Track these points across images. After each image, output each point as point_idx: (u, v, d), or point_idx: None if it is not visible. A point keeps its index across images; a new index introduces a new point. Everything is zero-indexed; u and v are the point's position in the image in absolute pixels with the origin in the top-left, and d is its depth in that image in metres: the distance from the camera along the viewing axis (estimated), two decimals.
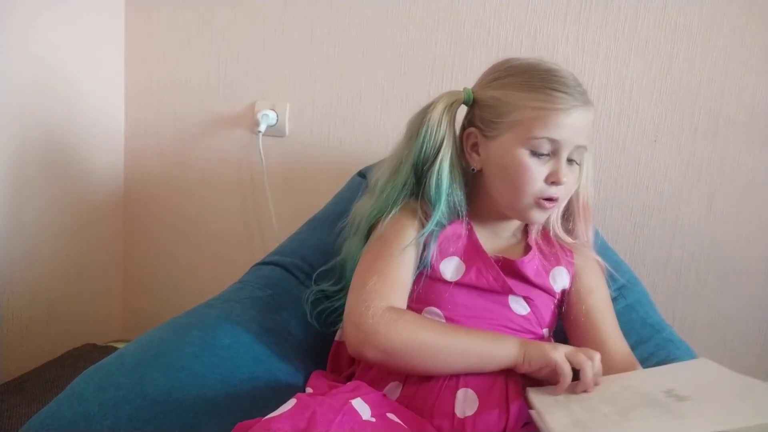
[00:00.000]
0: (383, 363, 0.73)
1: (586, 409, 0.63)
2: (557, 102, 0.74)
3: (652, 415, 0.58)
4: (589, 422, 0.59)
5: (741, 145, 1.13)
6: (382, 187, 0.84)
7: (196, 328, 0.78)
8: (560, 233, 0.86)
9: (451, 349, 0.72)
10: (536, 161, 0.76)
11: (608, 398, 0.65)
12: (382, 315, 0.72)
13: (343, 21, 1.28)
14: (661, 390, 0.63)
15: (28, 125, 1.20)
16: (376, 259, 0.79)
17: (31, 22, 1.18)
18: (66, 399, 0.65)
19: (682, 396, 0.60)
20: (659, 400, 0.61)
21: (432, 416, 0.70)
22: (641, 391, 0.65)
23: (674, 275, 1.19)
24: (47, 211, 1.27)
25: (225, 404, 0.69)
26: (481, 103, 0.81)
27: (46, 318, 1.29)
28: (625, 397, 0.64)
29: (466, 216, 0.82)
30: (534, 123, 0.75)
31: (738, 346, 1.17)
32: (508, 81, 0.79)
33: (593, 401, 0.64)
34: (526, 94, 0.76)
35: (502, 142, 0.78)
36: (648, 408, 0.60)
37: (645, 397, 0.63)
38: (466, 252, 0.81)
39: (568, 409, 0.64)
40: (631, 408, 0.61)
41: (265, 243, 1.37)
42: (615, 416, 0.59)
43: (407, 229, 0.80)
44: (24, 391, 1.08)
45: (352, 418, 0.58)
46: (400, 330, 0.71)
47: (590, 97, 0.78)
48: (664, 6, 1.13)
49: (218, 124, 1.39)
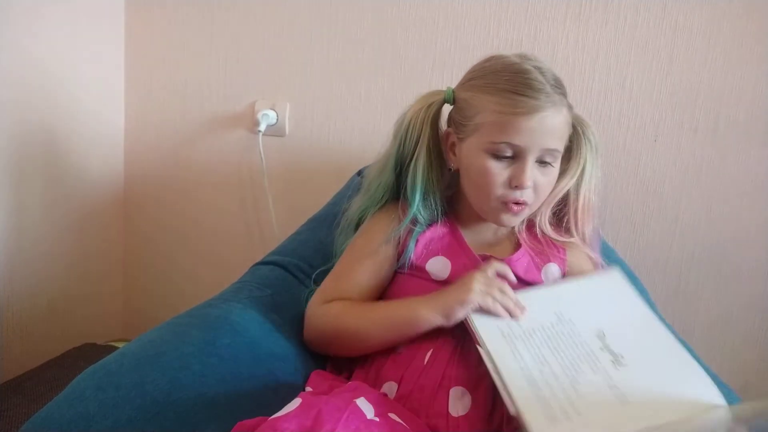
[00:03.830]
0: (322, 348, 0.82)
1: (536, 360, 0.68)
2: (517, 106, 0.73)
3: (598, 395, 0.65)
4: (545, 386, 0.65)
5: (741, 145, 1.13)
6: (368, 184, 0.87)
7: (196, 328, 0.78)
8: (549, 232, 0.85)
9: (370, 328, 0.77)
10: (498, 165, 0.76)
11: (550, 339, 0.70)
12: (317, 308, 0.82)
13: (343, 21, 1.28)
14: (594, 334, 0.71)
15: (28, 125, 1.20)
16: (343, 258, 0.86)
17: (31, 23, 1.18)
18: (66, 399, 0.65)
19: (615, 354, 0.69)
20: (598, 358, 0.68)
21: (427, 416, 0.71)
22: (578, 339, 0.70)
23: (674, 275, 1.19)
24: (47, 211, 1.27)
25: (225, 404, 0.69)
26: (457, 105, 0.82)
27: (46, 318, 1.29)
28: (564, 344, 0.70)
29: (449, 215, 0.84)
30: (494, 127, 0.75)
31: (738, 346, 1.17)
32: (476, 83, 0.79)
33: (536, 342, 0.70)
34: (489, 97, 0.76)
35: (469, 144, 0.79)
36: (592, 373, 0.66)
37: (584, 348, 0.69)
38: (450, 249, 0.82)
39: (516, 356, 0.68)
40: (575, 365, 0.67)
41: (265, 243, 1.37)
42: (566, 380, 0.66)
43: (381, 231, 0.83)
44: (24, 391, 1.08)
45: (358, 416, 0.59)
46: (326, 320, 0.80)
47: (565, 98, 0.77)
48: (664, 6, 1.13)
49: (218, 124, 1.39)
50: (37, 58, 1.20)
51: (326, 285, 0.85)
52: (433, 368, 0.73)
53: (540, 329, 0.72)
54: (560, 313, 0.73)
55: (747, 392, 1.09)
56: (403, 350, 0.76)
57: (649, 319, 0.75)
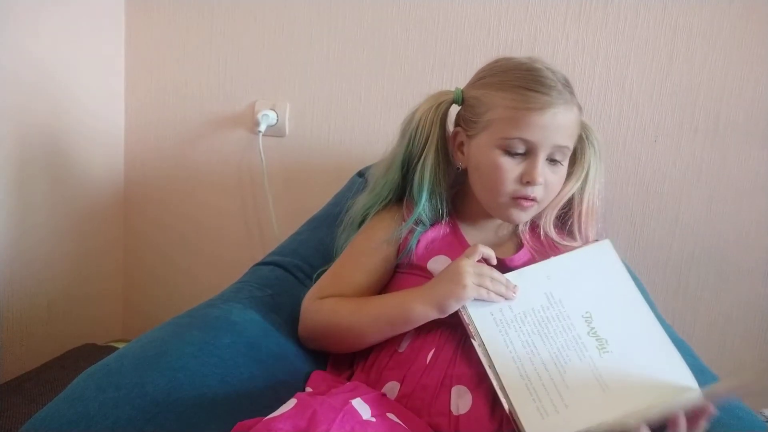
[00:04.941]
0: (317, 344, 0.82)
1: (527, 348, 0.70)
2: (530, 101, 0.74)
3: (584, 385, 0.68)
4: (536, 380, 0.68)
5: (741, 145, 1.13)
6: (374, 183, 0.87)
7: (196, 328, 0.78)
8: (552, 235, 0.84)
9: (364, 323, 0.77)
10: (510, 161, 0.76)
11: (540, 324, 0.72)
12: (311, 303, 0.82)
13: (343, 21, 1.28)
14: (581, 315, 0.73)
15: (28, 126, 1.20)
16: (343, 256, 0.86)
17: (31, 23, 1.18)
18: (66, 399, 0.65)
19: (601, 339, 0.71)
20: (585, 346, 0.71)
21: (429, 415, 0.71)
22: (567, 321, 0.72)
23: (674, 275, 1.19)
24: (47, 211, 1.27)
25: (225, 404, 0.69)
26: (466, 103, 0.82)
27: (46, 318, 1.29)
28: (554, 329, 0.72)
29: (451, 215, 0.84)
30: (506, 123, 0.75)
31: (738, 346, 1.17)
32: (488, 81, 0.80)
33: (527, 329, 0.72)
34: (501, 94, 0.76)
35: (480, 141, 0.79)
36: (579, 360, 0.69)
37: (571, 333, 0.72)
38: (452, 248, 0.82)
39: (508, 346, 0.70)
40: (563, 354, 0.70)
41: (265, 243, 1.37)
42: (554, 371, 0.69)
43: (383, 230, 0.83)
44: (24, 391, 1.08)
45: (353, 417, 0.59)
46: (320, 315, 0.81)
47: (575, 98, 0.78)
48: (664, 6, 1.13)
49: (218, 124, 1.39)
50: (38, 59, 1.20)
51: (323, 281, 0.85)
52: (436, 367, 0.73)
53: (531, 312, 0.73)
54: (550, 294, 0.75)
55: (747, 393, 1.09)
56: (406, 349, 0.76)
57: (633, 297, 0.77)
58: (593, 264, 0.79)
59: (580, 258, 0.79)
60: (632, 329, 0.74)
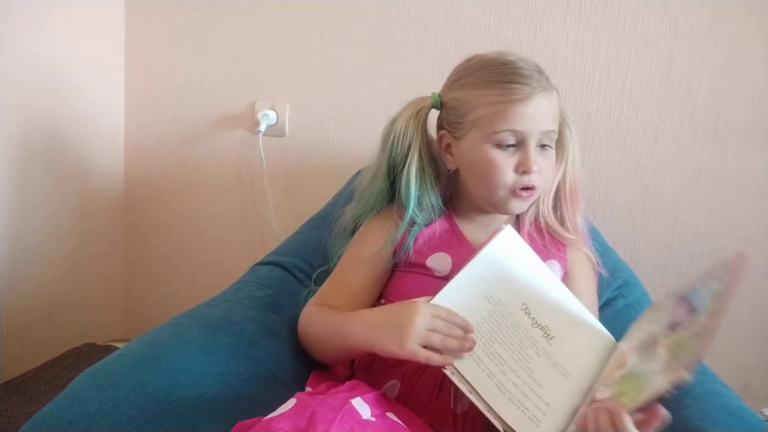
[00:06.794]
0: (307, 350, 0.83)
1: (494, 360, 0.69)
2: (513, 93, 0.75)
3: (550, 378, 0.69)
4: (514, 389, 0.68)
5: (741, 145, 1.13)
6: (361, 193, 0.88)
7: (196, 328, 0.78)
8: (552, 223, 0.86)
9: (337, 341, 0.77)
10: (503, 154, 0.77)
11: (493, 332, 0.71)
12: (306, 309, 0.84)
13: (343, 21, 1.28)
14: (521, 309, 0.73)
15: (28, 126, 1.20)
16: (341, 263, 0.87)
17: (31, 23, 1.18)
18: (66, 399, 0.65)
19: (543, 326, 0.72)
20: (534, 339, 0.71)
21: (429, 414, 0.71)
22: (512, 319, 0.72)
23: (674, 275, 1.19)
24: (47, 212, 1.27)
25: (225, 404, 0.69)
26: (446, 106, 0.83)
27: (46, 318, 1.29)
28: (506, 332, 0.71)
29: (449, 213, 0.85)
30: (493, 118, 0.76)
31: (738, 346, 1.17)
32: (465, 81, 0.81)
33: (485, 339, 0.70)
34: (482, 91, 0.78)
35: (469, 141, 0.80)
36: (537, 356, 0.70)
37: (519, 329, 0.71)
38: (450, 245, 0.82)
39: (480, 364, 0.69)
40: (522, 353, 0.70)
41: (265, 243, 1.37)
42: (524, 374, 0.68)
43: (377, 236, 0.84)
44: (24, 391, 1.09)
45: (353, 417, 0.59)
46: (306, 327, 0.82)
47: (551, 82, 0.79)
48: (664, 6, 1.13)
49: (218, 124, 1.39)
50: (38, 59, 1.20)
51: (322, 289, 0.86)
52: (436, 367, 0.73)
53: (483, 322, 0.71)
54: (489, 296, 0.73)
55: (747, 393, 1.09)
56: None
57: (545, 273, 0.78)
58: (508, 254, 0.77)
59: (496, 251, 0.76)
60: (558, 306, 0.75)
